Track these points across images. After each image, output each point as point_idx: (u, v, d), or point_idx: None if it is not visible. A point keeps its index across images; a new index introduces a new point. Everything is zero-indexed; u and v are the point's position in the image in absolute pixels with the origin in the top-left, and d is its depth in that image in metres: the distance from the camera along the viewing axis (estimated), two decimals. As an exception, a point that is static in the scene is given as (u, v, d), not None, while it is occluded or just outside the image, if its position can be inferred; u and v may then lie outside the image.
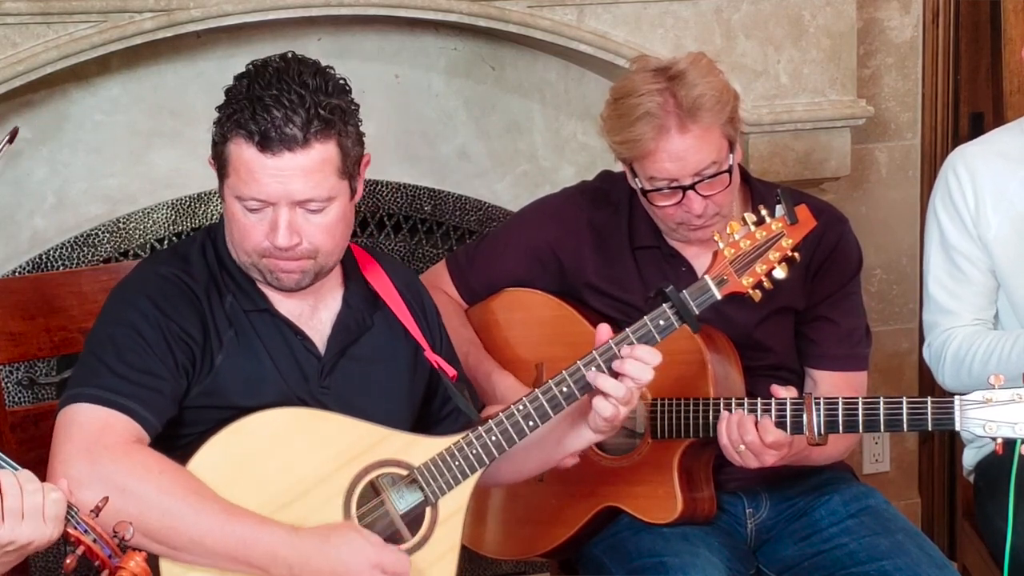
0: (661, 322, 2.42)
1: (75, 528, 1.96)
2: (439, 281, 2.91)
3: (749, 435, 2.55)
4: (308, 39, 3.30)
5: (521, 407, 2.40)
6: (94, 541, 1.96)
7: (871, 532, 2.73)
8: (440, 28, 3.37)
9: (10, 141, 2.49)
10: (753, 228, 2.44)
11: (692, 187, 2.63)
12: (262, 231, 2.31)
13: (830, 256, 2.79)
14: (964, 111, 3.84)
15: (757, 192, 2.80)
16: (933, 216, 2.95)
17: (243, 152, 2.28)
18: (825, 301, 2.79)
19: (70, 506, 1.96)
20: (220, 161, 2.33)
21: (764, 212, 2.46)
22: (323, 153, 2.29)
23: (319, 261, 2.36)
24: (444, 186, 3.46)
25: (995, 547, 2.82)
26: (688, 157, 2.61)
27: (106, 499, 1.99)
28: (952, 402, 2.48)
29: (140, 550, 1.99)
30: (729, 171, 2.65)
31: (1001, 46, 3.72)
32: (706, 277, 2.43)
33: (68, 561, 1.95)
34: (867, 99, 3.63)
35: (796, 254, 2.46)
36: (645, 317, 2.41)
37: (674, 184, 2.63)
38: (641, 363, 2.37)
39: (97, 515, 1.98)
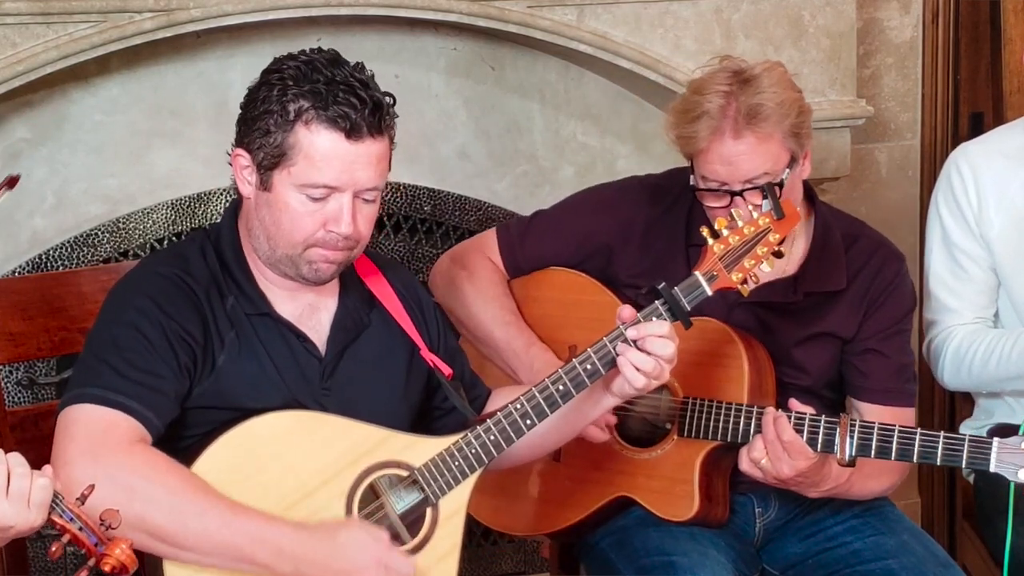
0: (653, 319, 2.42)
1: (60, 516, 1.95)
2: (486, 249, 2.91)
3: (769, 435, 2.55)
4: (308, 39, 3.29)
5: (519, 406, 2.40)
6: (80, 529, 1.96)
7: (876, 531, 2.74)
8: (440, 28, 3.37)
9: (10, 187, 2.48)
10: (740, 223, 2.45)
11: (740, 193, 2.62)
12: (317, 220, 2.32)
13: (886, 290, 2.77)
14: (964, 111, 3.84)
15: (820, 215, 2.79)
16: (935, 214, 2.95)
17: (321, 138, 2.29)
18: (878, 335, 2.77)
19: (56, 494, 1.95)
20: (276, 150, 2.30)
21: (751, 207, 2.46)
22: (386, 143, 2.35)
23: (355, 252, 2.39)
24: (444, 186, 3.46)
25: (995, 547, 2.82)
26: (739, 163, 2.60)
27: (91, 487, 1.98)
28: (990, 444, 2.47)
29: (126, 538, 1.98)
30: (780, 184, 2.62)
31: (1001, 46, 3.72)
32: (696, 273, 2.43)
33: (53, 549, 1.94)
34: (867, 99, 3.63)
35: (783, 248, 2.46)
36: (638, 314, 2.42)
37: (724, 188, 2.63)
38: (661, 338, 2.37)
39: (83, 503, 1.97)
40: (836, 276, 2.74)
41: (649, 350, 2.37)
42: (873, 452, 2.54)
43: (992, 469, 2.47)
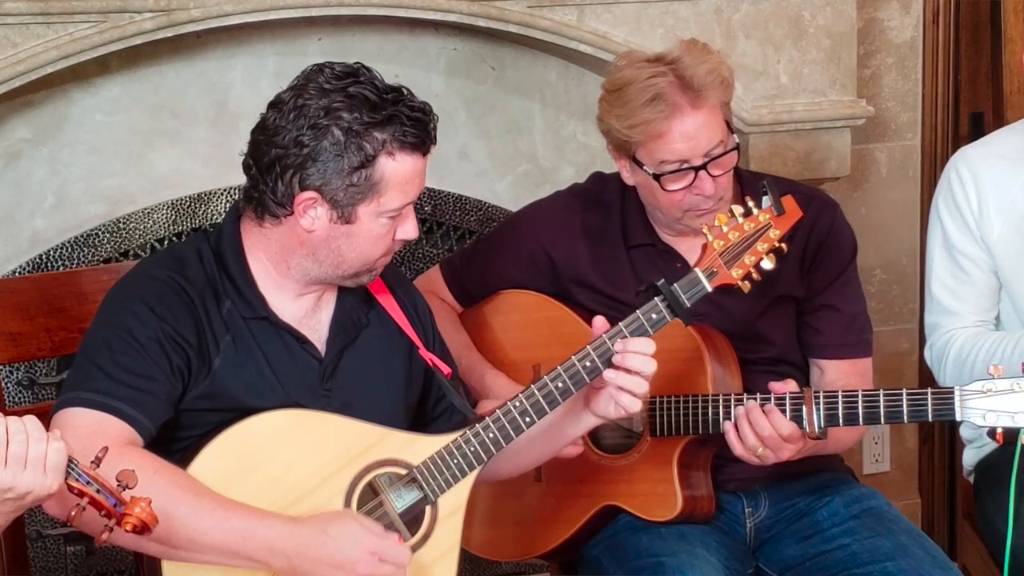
0: (653, 316, 2.42)
1: (77, 480, 1.95)
2: (433, 286, 2.92)
3: (766, 430, 2.55)
4: (308, 39, 3.30)
5: (518, 403, 2.41)
6: (97, 491, 1.96)
7: (874, 533, 2.73)
8: (440, 28, 3.37)
9: None
10: (741, 220, 2.45)
11: (703, 167, 2.63)
12: (391, 235, 2.36)
13: (824, 242, 2.79)
14: (964, 111, 3.84)
15: (746, 181, 2.81)
16: (936, 218, 2.95)
17: (406, 165, 2.32)
18: (826, 289, 2.79)
19: (70, 459, 1.95)
20: (362, 186, 2.30)
21: (751, 203, 2.47)
22: None
23: None
24: (444, 186, 3.46)
25: (995, 547, 2.82)
26: (700, 136, 2.62)
27: (106, 449, 1.98)
28: (952, 392, 2.49)
29: (145, 496, 1.97)
30: (736, 148, 2.65)
31: (1001, 46, 3.72)
32: (696, 270, 2.44)
33: (73, 513, 1.94)
34: (867, 99, 3.63)
35: (784, 244, 2.46)
36: (637, 311, 2.42)
37: (685, 165, 2.63)
38: (641, 355, 2.38)
39: (98, 465, 1.97)
40: None
41: (631, 367, 2.38)
42: (841, 420, 2.56)
43: (958, 417, 2.49)
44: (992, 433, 2.46)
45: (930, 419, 2.53)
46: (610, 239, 2.81)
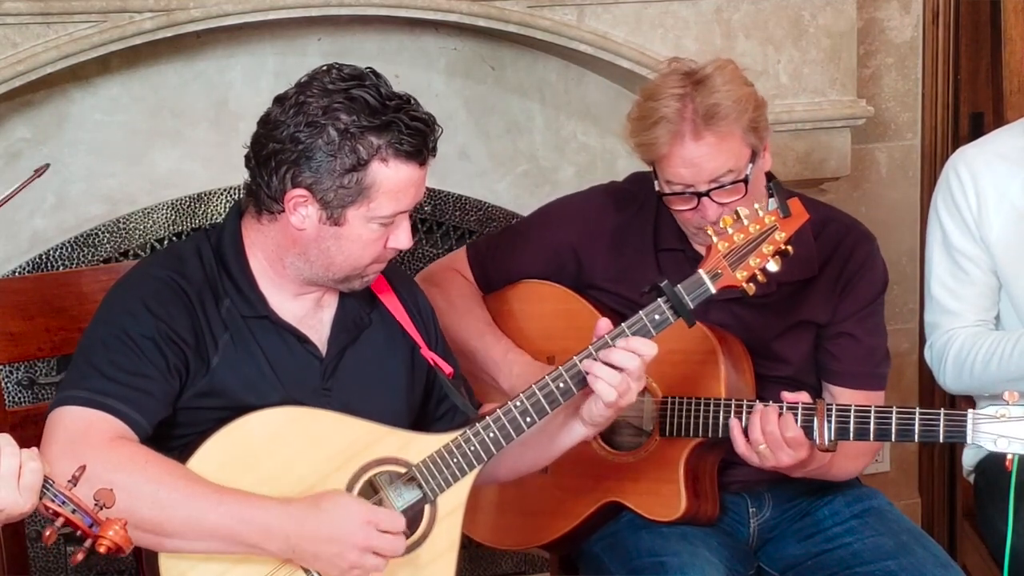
0: (656, 316, 2.42)
1: (52, 500, 1.95)
2: (457, 265, 2.92)
3: (770, 425, 2.55)
4: (308, 39, 3.30)
5: (518, 403, 2.41)
6: (73, 511, 1.95)
7: (875, 532, 2.74)
8: (440, 28, 3.37)
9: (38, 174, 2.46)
10: (746, 222, 2.44)
11: (707, 194, 2.62)
12: (382, 242, 2.36)
13: (859, 272, 2.78)
14: (964, 111, 3.84)
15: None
16: (935, 217, 2.96)
17: (400, 172, 2.31)
18: (850, 318, 2.78)
19: (46, 478, 1.94)
20: (353, 189, 2.30)
21: (757, 206, 2.46)
22: None
23: None
24: (444, 186, 3.46)
25: (995, 547, 2.82)
26: (703, 164, 2.60)
27: (83, 468, 1.97)
28: (965, 416, 2.49)
29: (120, 518, 1.96)
30: (746, 180, 2.63)
31: (1001, 46, 3.72)
32: (700, 271, 2.44)
33: (47, 533, 1.93)
34: (867, 99, 3.64)
35: (789, 247, 2.46)
36: (640, 312, 2.42)
37: (690, 190, 2.63)
38: (630, 353, 2.38)
39: (75, 484, 1.96)
40: (808, 263, 2.74)
41: (613, 362, 2.37)
42: (852, 435, 2.56)
43: (969, 440, 2.49)
44: (1002, 458, 2.46)
45: (941, 440, 2.53)
46: (638, 241, 2.80)
